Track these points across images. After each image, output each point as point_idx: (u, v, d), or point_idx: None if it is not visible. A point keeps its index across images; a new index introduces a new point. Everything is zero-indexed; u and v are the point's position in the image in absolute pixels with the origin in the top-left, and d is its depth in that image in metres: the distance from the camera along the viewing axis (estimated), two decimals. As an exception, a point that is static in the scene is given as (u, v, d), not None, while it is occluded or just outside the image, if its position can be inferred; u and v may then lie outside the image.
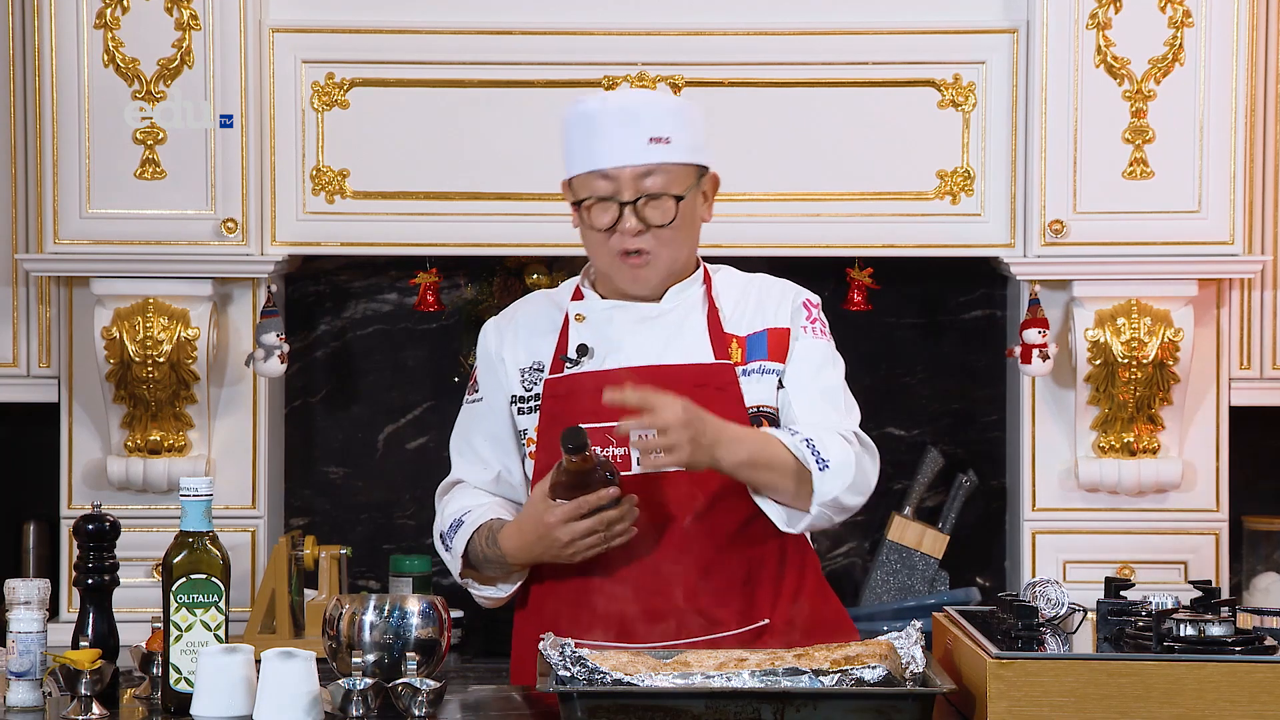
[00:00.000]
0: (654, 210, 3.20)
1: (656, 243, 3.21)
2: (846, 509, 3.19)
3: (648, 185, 3.20)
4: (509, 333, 3.36)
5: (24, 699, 2.93)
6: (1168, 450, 4.59)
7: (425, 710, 2.76)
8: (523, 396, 3.29)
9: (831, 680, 2.68)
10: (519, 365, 3.31)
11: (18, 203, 4.68)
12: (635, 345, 3.25)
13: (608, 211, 3.21)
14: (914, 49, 4.57)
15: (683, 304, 3.28)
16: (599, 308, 3.30)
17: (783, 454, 3.13)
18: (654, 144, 3.20)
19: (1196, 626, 2.71)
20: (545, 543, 3.13)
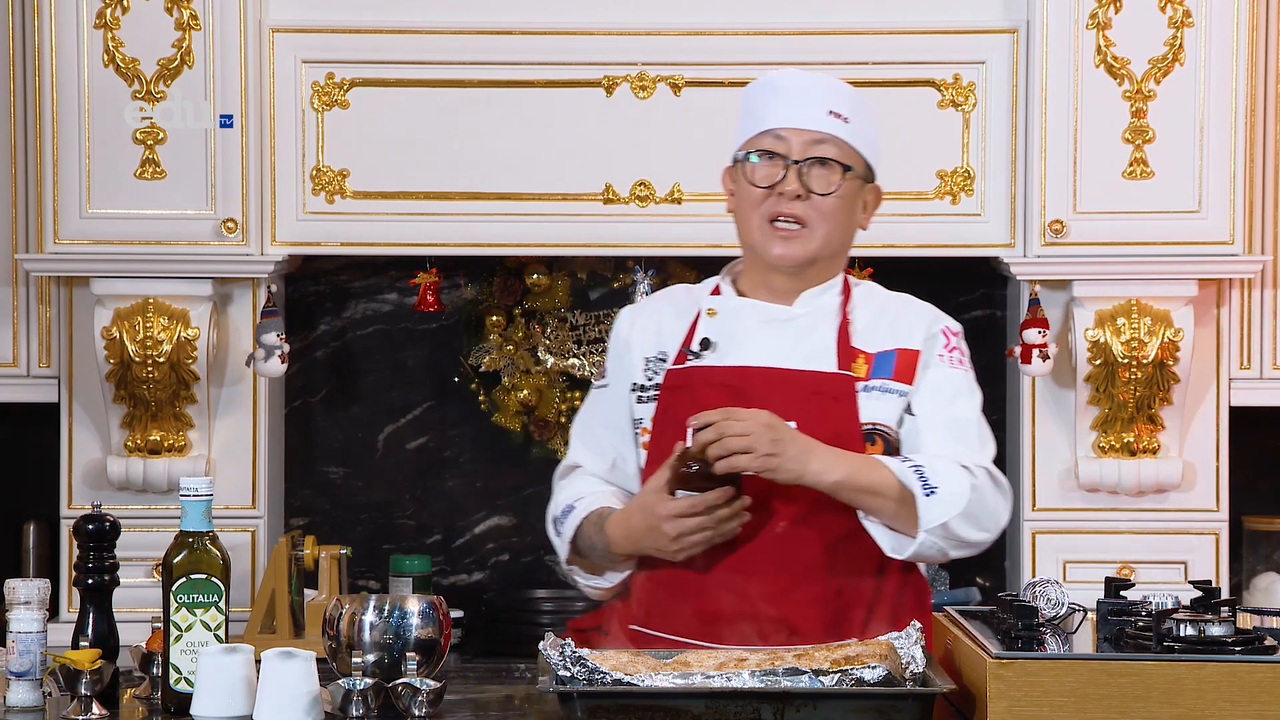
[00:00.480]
0: (819, 178, 3.15)
1: (814, 214, 3.15)
2: (964, 542, 3.08)
3: (817, 151, 3.15)
4: (641, 320, 3.30)
5: (24, 699, 2.93)
6: (1168, 450, 4.59)
7: (425, 710, 2.76)
8: (643, 385, 3.24)
9: (831, 680, 2.68)
10: (645, 354, 3.25)
11: (18, 203, 4.68)
12: (758, 344, 3.18)
13: (771, 170, 3.15)
14: (914, 49, 4.57)
15: (815, 310, 3.21)
16: (732, 304, 3.23)
17: (886, 478, 3.06)
18: (833, 117, 3.17)
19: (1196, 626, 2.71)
20: (652, 535, 3.08)
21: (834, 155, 3.16)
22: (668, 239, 4.61)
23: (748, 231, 3.21)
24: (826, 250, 3.20)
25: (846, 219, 3.21)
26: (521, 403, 4.92)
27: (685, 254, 4.72)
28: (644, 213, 4.60)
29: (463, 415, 4.95)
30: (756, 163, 3.17)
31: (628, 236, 4.59)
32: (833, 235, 3.19)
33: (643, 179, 4.59)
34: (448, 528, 4.96)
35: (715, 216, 4.54)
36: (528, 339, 4.92)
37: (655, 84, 4.58)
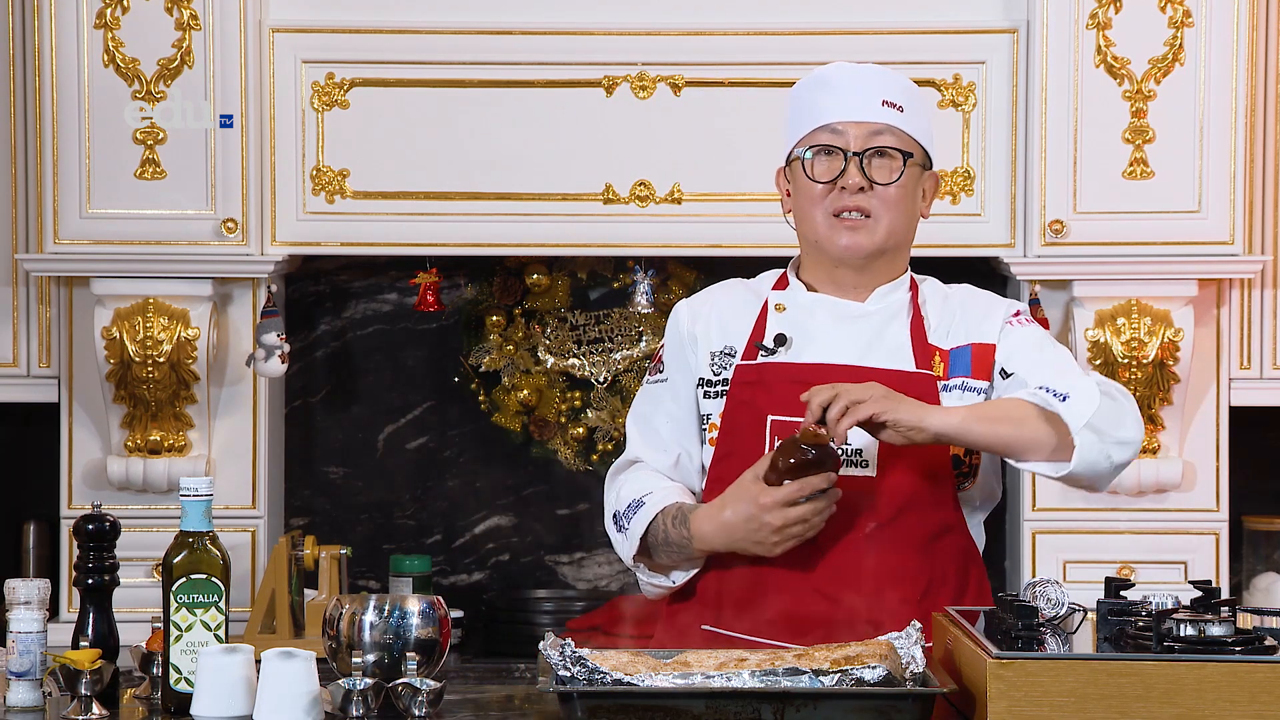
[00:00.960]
0: (880, 168, 3.12)
1: (879, 204, 3.12)
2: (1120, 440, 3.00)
3: (877, 141, 3.12)
4: (703, 314, 3.24)
5: (24, 699, 2.93)
6: (1168, 450, 4.59)
7: (425, 710, 2.76)
8: (710, 380, 3.19)
9: (831, 680, 2.68)
10: (711, 348, 3.20)
11: (18, 203, 4.68)
12: (834, 342, 3.15)
13: (831, 164, 3.12)
14: (914, 49, 4.56)
15: (887, 307, 3.18)
16: (802, 299, 3.19)
17: (1014, 403, 3.02)
18: (888, 107, 3.13)
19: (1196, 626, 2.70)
20: (751, 526, 3.02)
21: (893, 144, 3.13)
22: (668, 239, 4.61)
23: (811, 227, 3.17)
24: (892, 240, 3.16)
25: (909, 207, 3.17)
26: (521, 403, 4.92)
27: (685, 254, 4.73)
28: (644, 213, 4.60)
29: (463, 415, 4.95)
30: (815, 158, 3.14)
31: (628, 236, 4.59)
32: (897, 224, 3.16)
33: (643, 179, 4.59)
34: (448, 528, 4.96)
35: (715, 216, 4.56)
36: (528, 339, 4.92)
37: (655, 84, 4.58)
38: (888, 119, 3.14)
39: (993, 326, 3.18)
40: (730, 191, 4.58)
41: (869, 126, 3.13)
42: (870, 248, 3.15)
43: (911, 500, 3.10)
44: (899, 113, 3.15)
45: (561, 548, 4.96)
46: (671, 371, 3.24)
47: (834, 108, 3.14)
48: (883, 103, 3.14)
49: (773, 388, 3.13)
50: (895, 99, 3.15)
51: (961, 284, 3.29)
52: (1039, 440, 3.03)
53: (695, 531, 3.09)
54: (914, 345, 3.16)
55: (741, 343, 3.19)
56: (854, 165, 3.12)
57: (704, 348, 3.21)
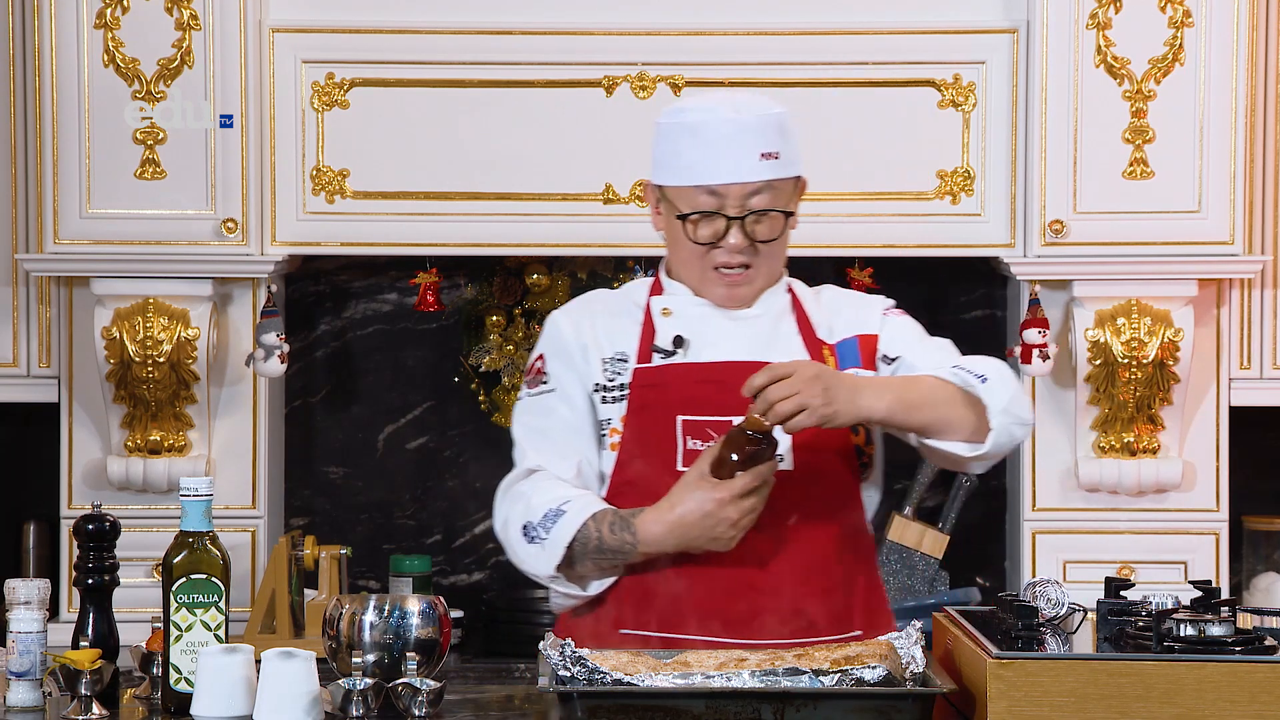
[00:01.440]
0: (762, 227, 3.14)
1: (758, 258, 3.16)
2: (1023, 420, 3.09)
3: (755, 203, 3.13)
4: (587, 321, 3.24)
5: (24, 699, 2.93)
6: (1168, 450, 4.59)
7: (425, 710, 2.76)
8: (606, 386, 3.19)
9: (831, 680, 2.68)
10: (602, 355, 3.21)
11: (18, 203, 4.68)
12: (731, 342, 3.17)
13: (712, 226, 3.14)
14: (914, 49, 4.56)
15: (773, 309, 3.22)
16: (689, 304, 3.21)
17: (938, 384, 3.08)
18: (765, 159, 3.13)
19: (1196, 626, 2.71)
20: (709, 523, 3.02)
21: (772, 204, 3.14)
22: (668, 239, 4.60)
23: (686, 272, 3.20)
24: (772, 279, 3.22)
25: (785, 242, 3.22)
26: (521, 403, 4.91)
27: (685, 254, 4.72)
28: (644, 213, 4.57)
29: (463, 415, 4.95)
30: (697, 223, 3.14)
31: (628, 236, 4.59)
32: (776, 264, 3.22)
33: (643, 179, 4.58)
34: (448, 528, 4.96)
35: (715, 216, 4.55)
36: (528, 339, 4.92)
37: (655, 84, 4.58)
38: (766, 174, 3.13)
39: (872, 318, 3.25)
40: (730, 191, 4.57)
41: (748, 187, 3.13)
42: (752, 297, 3.21)
43: (826, 491, 3.13)
44: (776, 161, 3.14)
45: (561, 548, 4.95)
46: (559, 381, 3.22)
47: (711, 169, 3.13)
48: (761, 156, 3.13)
49: (679, 388, 3.14)
50: (772, 147, 3.14)
51: (827, 285, 3.34)
52: (960, 421, 3.09)
53: (642, 535, 3.08)
54: (805, 342, 3.21)
55: (632, 348, 3.20)
56: (736, 228, 3.13)
57: (594, 353, 3.22)
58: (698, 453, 3.09)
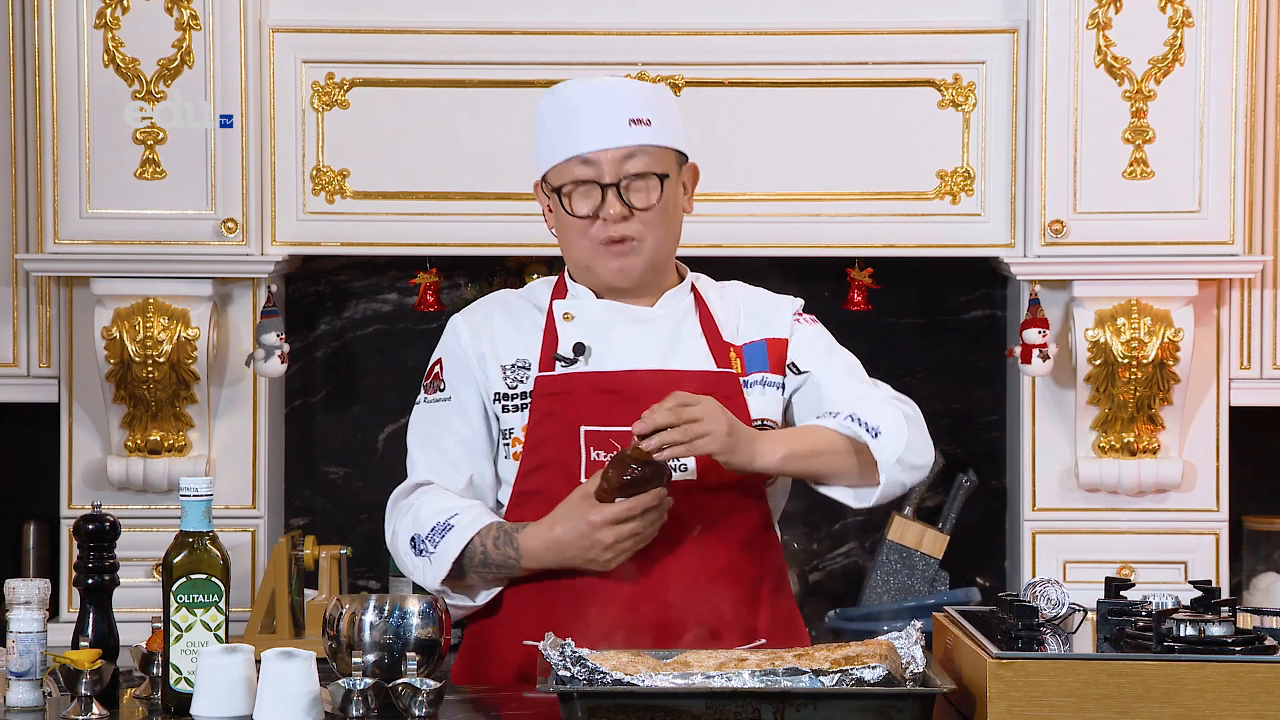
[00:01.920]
0: (638, 193, 3.12)
1: (642, 227, 3.13)
2: (916, 467, 3.12)
3: (630, 167, 3.11)
4: (485, 329, 3.22)
5: (24, 699, 2.93)
6: (1168, 450, 4.59)
7: (425, 710, 2.76)
8: (507, 394, 3.17)
9: (831, 680, 2.68)
10: (501, 362, 3.18)
11: (18, 203, 4.68)
12: (633, 348, 3.16)
13: (589, 197, 3.12)
14: (914, 49, 4.57)
15: (677, 309, 3.20)
16: (592, 307, 3.19)
17: (830, 436, 3.10)
18: (635, 125, 3.12)
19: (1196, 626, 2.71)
20: (584, 544, 3.02)
21: (647, 167, 3.13)
22: (668, 239, 4.60)
23: (577, 254, 3.18)
24: (660, 254, 3.18)
25: (673, 218, 3.19)
26: (521, 403, 4.91)
27: (685, 254, 4.69)
28: (644, 213, 4.59)
29: (463, 415, 4.94)
30: (573, 194, 3.13)
31: (628, 236, 4.58)
32: (663, 239, 3.17)
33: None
34: (448, 528, 4.95)
35: (715, 216, 4.55)
36: (528, 339, 4.91)
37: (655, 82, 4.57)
38: (638, 139, 3.12)
39: (782, 322, 3.24)
40: (730, 191, 4.58)
41: (620, 152, 3.11)
42: (641, 268, 3.17)
43: (732, 501, 3.12)
44: (647, 127, 3.13)
45: (561, 548, 4.95)
46: (455, 389, 3.21)
47: (582, 136, 3.12)
48: (630, 121, 3.12)
49: (581, 398, 3.13)
50: (642, 114, 3.13)
51: (732, 280, 3.32)
52: (849, 471, 3.13)
53: (525, 550, 3.08)
54: (710, 345, 3.19)
55: (534, 354, 3.18)
56: (612, 195, 3.11)
57: (493, 362, 3.20)
58: (601, 464, 3.08)
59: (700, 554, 3.10)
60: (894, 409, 3.14)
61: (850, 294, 4.70)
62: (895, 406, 3.15)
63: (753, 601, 3.14)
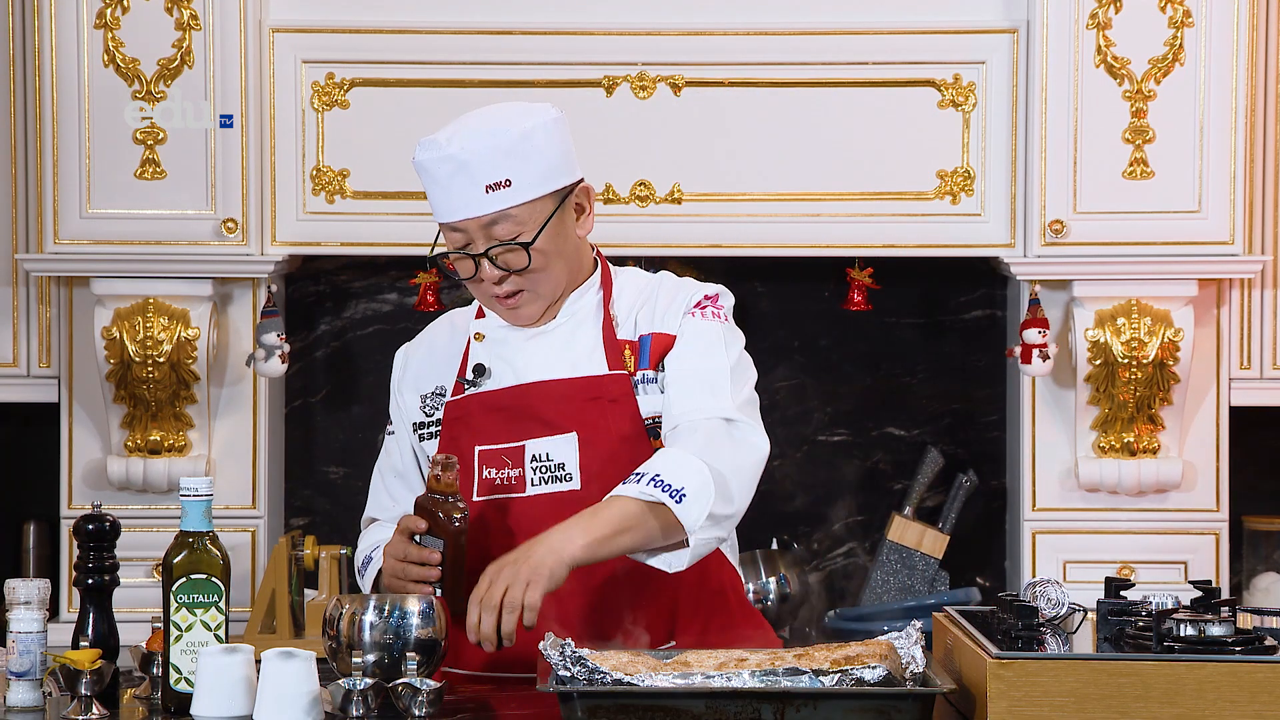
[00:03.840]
0: (511, 256, 3.08)
1: (526, 282, 3.10)
2: (728, 518, 3.02)
3: (497, 232, 3.06)
4: (415, 357, 3.27)
5: (24, 699, 2.93)
6: (1168, 450, 4.59)
7: (425, 710, 2.76)
8: (424, 423, 3.21)
9: (831, 680, 2.68)
10: (420, 391, 3.22)
11: (18, 203, 4.68)
12: (527, 361, 3.14)
13: (466, 264, 3.10)
14: (914, 49, 4.57)
15: (576, 314, 3.17)
16: (495, 325, 3.19)
17: (629, 507, 2.95)
18: (493, 191, 3.05)
19: (1196, 626, 2.71)
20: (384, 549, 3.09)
21: (512, 233, 3.07)
22: (668, 239, 4.61)
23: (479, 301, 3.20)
24: (555, 294, 3.15)
25: (559, 258, 3.12)
26: (521, 403, 4.91)
27: (685, 254, 4.72)
28: (644, 213, 4.60)
29: (463, 415, 4.95)
30: (455, 261, 3.11)
31: (628, 236, 4.59)
32: (554, 281, 3.13)
33: (643, 179, 4.59)
34: (448, 528, 4.95)
35: (715, 216, 4.56)
36: (528, 339, 4.91)
37: (655, 84, 4.58)
38: (497, 205, 3.06)
39: (675, 316, 3.15)
40: (730, 191, 4.58)
41: (482, 219, 3.06)
42: (536, 315, 3.15)
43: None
44: (507, 189, 3.06)
45: (561, 548, 4.95)
46: (396, 422, 3.27)
47: (444, 206, 3.08)
48: (486, 188, 3.06)
49: (476, 419, 3.13)
50: (498, 176, 3.06)
51: (662, 272, 3.26)
52: (655, 539, 2.98)
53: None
54: (605, 345, 3.15)
55: (450, 380, 3.20)
56: (485, 264, 3.09)
57: (411, 393, 3.23)
58: (492, 481, 3.09)
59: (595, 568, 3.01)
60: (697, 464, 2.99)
61: (850, 294, 4.70)
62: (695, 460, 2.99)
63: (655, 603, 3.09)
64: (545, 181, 3.09)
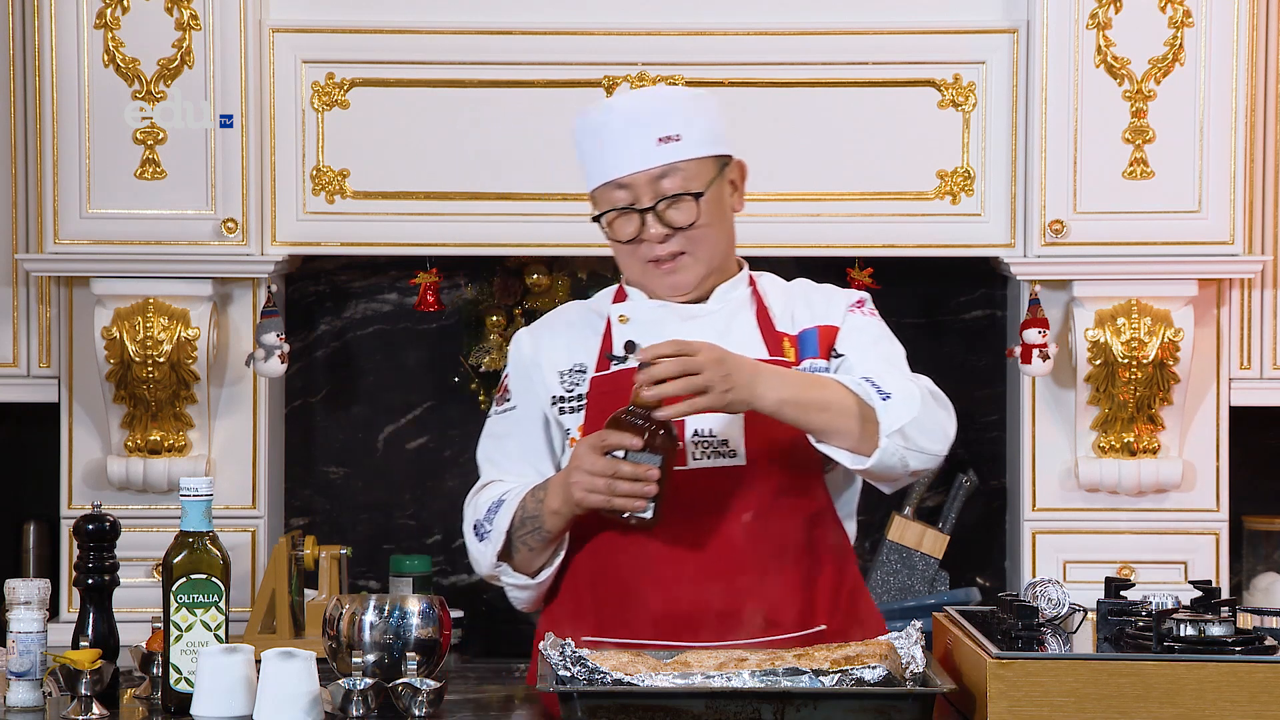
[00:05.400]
0: (676, 212, 3.13)
1: (688, 243, 3.14)
2: (922, 450, 3.05)
3: (665, 187, 3.12)
4: (545, 338, 3.28)
5: (24, 699, 2.93)
6: (1168, 450, 4.59)
7: (425, 710, 2.76)
8: (564, 397, 3.21)
9: (831, 680, 2.68)
10: (558, 368, 3.23)
11: (18, 203, 4.68)
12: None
13: (630, 222, 3.14)
14: (914, 49, 4.57)
15: (730, 303, 3.21)
16: (645, 308, 3.22)
17: (839, 391, 3.03)
18: (664, 143, 3.12)
19: (1196, 626, 2.71)
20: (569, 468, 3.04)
21: (681, 187, 3.13)
22: (668, 239, 4.60)
23: (630, 275, 3.23)
24: (714, 263, 3.20)
25: (719, 225, 3.19)
26: (521, 403, 4.91)
27: (685, 254, 4.72)
28: (644, 213, 4.59)
29: (463, 415, 4.95)
30: (615, 221, 3.15)
31: (628, 236, 4.59)
32: (713, 249, 3.18)
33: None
34: (448, 528, 4.96)
35: (715, 216, 4.55)
36: (528, 339, 4.91)
37: (655, 84, 4.57)
38: (668, 157, 3.13)
39: (837, 311, 3.22)
40: (730, 191, 4.58)
41: (653, 172, 3.12)
42: (693, 282, 3.19)
43: (783, 487, 3.11)
44: (678, 143, 3.13)
45: (561, 548, 4.95)
46: (518, 399, 3.27)
47: (614, 161, 3.14)
48: (658, 140, 3.13)
49: (629, 393, 3.11)
50: (670, 130, 3.13)
51: (800, 279, 3.32)
52: (847, 431, 3.04)
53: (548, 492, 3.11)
54: (763, 334, 3.19)
55: (591, 358, 3.22)
56: (650, 219, 3.13)
57: (550, 369, 3.24)
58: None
59: (749, 543, 3.08)
60: (915, 387, 3.08)
61: (850, 294, 4.70)
62: (918, 386, 3.09)
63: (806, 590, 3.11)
64: (712, 143, 3.17)
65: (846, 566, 3.21)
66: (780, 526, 3.11)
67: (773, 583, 3.09)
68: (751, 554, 3.08)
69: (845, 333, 3.20)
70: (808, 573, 3.13)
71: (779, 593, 3.09)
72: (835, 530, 3.20)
